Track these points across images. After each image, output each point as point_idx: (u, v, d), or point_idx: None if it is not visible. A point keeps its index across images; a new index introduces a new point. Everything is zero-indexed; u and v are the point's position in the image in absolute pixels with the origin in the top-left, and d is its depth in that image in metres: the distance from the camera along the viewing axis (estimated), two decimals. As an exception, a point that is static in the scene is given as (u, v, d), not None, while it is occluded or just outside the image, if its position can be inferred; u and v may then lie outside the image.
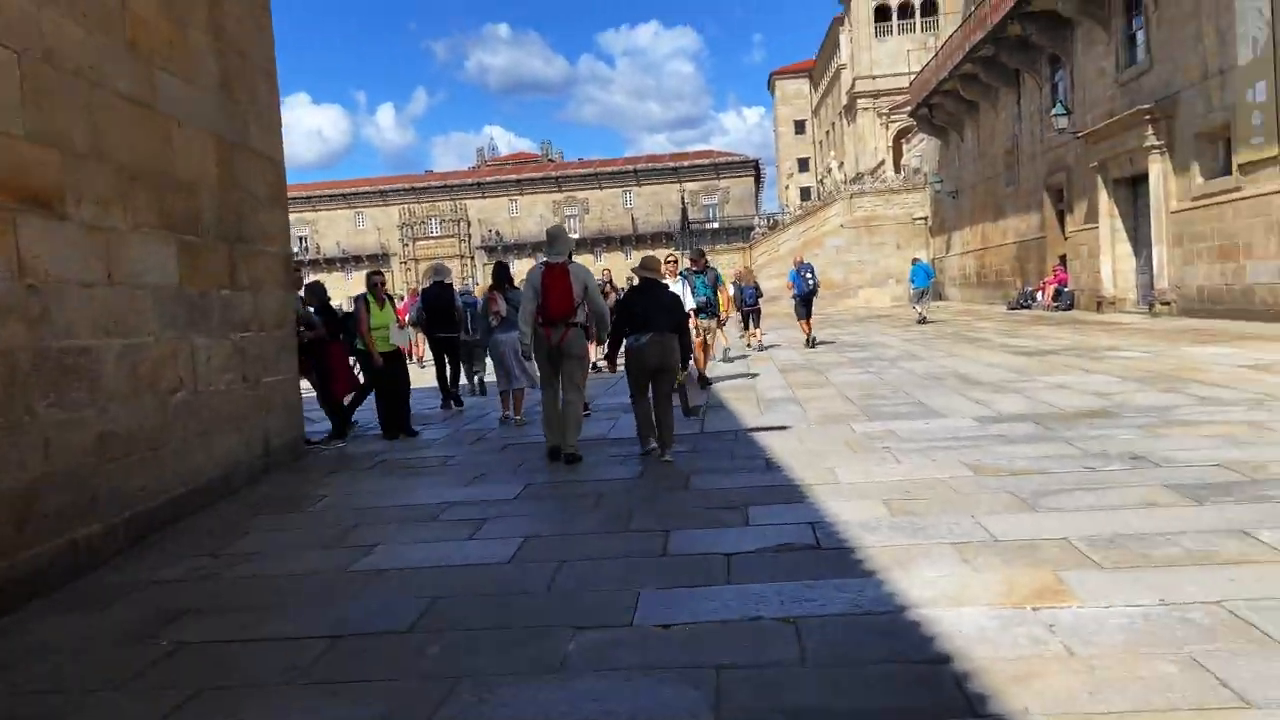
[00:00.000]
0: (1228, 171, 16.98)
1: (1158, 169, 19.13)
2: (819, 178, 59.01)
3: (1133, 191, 21.31)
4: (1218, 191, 17.19)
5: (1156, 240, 19.40)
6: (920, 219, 41.33)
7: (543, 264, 7.55)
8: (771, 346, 18.08)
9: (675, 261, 11.39)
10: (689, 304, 10.89)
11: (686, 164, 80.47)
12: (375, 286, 9.55)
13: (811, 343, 17.51)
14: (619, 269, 29.11)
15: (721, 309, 12.41)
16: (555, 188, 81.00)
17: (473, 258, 79.91)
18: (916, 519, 4.88)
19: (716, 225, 75.91)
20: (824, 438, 7.53)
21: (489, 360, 10.96)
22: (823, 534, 4.73)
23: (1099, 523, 4.57)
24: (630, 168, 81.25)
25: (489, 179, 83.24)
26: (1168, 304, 19.06)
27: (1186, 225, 18.38)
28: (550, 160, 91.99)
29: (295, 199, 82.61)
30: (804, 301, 17.91)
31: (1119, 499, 5.00)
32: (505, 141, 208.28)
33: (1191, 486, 5.14)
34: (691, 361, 7.94)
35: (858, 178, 49.53)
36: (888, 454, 6.62)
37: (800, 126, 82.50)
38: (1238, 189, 16.49)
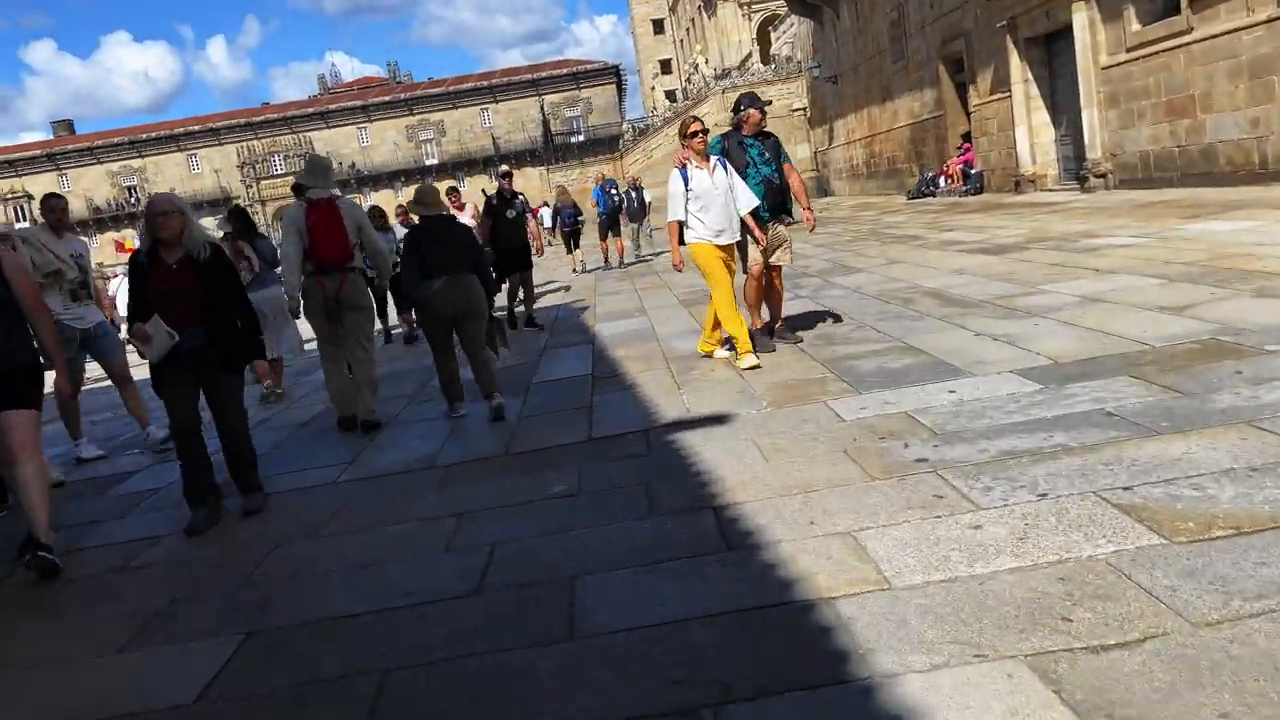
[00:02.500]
0: (1174, 10, 14.38)
1: (1083, 18, 16.45)
2: (684, 77, 55.41)
3: (1048, 51, 18.68)
4: (1163, 36, 14.60)
5: (1086, 103, 16.85)
6: (798, 110, 38.47)
7: (304, 202, 6.24)
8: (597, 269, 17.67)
9: (704, 134, 6.26)
10: (743, 204, 6.25)
11: (545, 75, 75.41)
12: None
13: (621, 264, 17.52)
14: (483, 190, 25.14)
15: (798, 198, 6.77)
16: (407, 111, 74.91)
17: (324, 195, 73.58)
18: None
19: (583, 138, 71.76)
20: (800, 439, 4.41)
21: None
22: None
23: None
24: (486, 84, 75.69)
25: (333, 107, 76.38)
26: (1102, 176, 16.64)
27: (1123, 82, 15.84)
28: (399, 82, 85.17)
29: (118, 145, 75.14)
30: (611, 219, 17.87)
31: None
32: (350, 68, 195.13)
33: None
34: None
35: (724, 74, 46.17)
36: (941, 483, 3.54)
37: (659, 26, 78.42)
38: (1189, 30, 13.91)
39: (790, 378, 5.75)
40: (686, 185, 6.20)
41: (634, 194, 19.51)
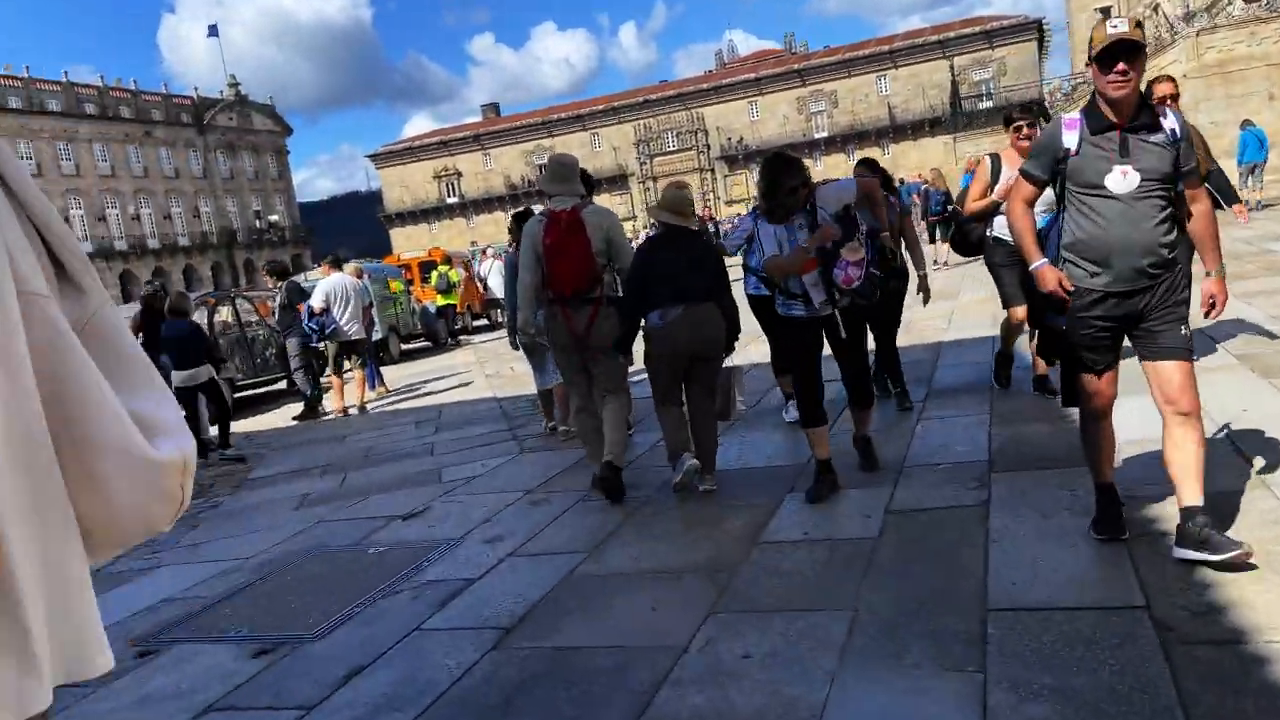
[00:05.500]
0: None
1: None
2: (1140, 18, 46.22)
3: None
4: None
5: None
6: (1309, 53, 29.31)
7: (544, 214, 5.12)
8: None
9: None
10: None
11: (953, 35, 68.15)
12: None
13: None
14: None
15: None
16: (799, 82, 71.54)
17: (713, 170, 72.67)
18: None
19: (991, 104, 63.50)
20: None
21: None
22: None
23: None
24: (885, 48, 70.08)
25: (725, 81, 75.05)
26: None
27: None
28: (793, 54, 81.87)
29: (532, 125, 79.31)
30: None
31: None
32: (746, 45, 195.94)
33: None
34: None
35: (1190, 17, 37.09)
36: None
37: (1096, -32, 67.59)
38: None
39: None
40: None
41: None
